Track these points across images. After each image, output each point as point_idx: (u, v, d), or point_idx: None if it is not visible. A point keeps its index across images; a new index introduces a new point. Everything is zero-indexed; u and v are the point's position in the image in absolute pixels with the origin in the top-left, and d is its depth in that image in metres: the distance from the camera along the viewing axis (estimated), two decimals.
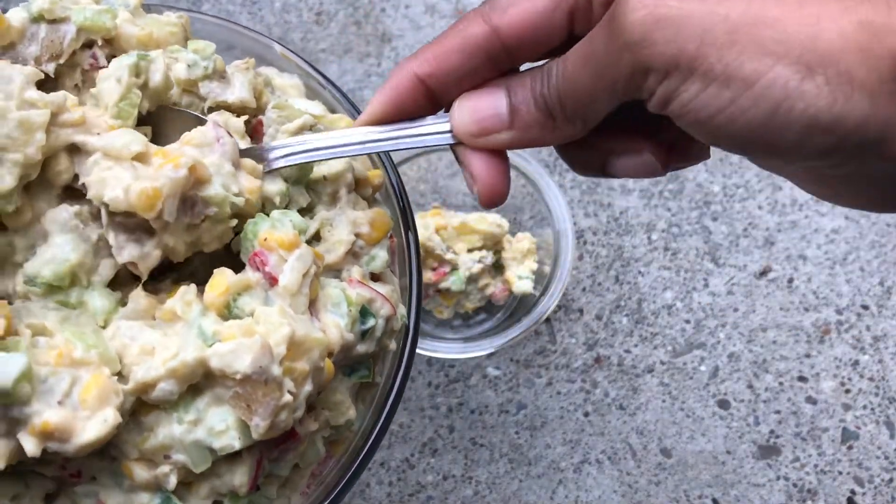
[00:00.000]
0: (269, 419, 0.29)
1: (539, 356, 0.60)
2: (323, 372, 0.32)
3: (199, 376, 0.30)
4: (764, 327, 0.61)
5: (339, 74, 0.66)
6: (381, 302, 0.35)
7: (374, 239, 0.37)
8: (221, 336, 0.30)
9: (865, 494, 0.57)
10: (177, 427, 0.30)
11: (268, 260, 0.32)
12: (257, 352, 0.29)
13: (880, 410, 0.59)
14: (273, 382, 0.29)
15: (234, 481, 0.31)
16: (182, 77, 0.36)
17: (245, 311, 0.31)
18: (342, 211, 0.36)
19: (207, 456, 0.30)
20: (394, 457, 0.59)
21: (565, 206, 0.56)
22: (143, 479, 0.30)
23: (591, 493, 0.58)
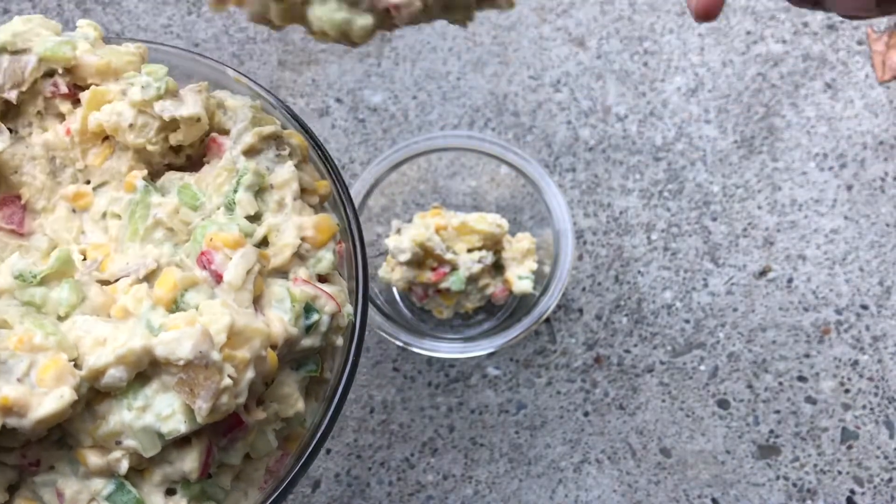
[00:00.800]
0: (210, 402, 0.31)
1: (539, 356, 0.61)
2: (266, 362, 0.34)
3: (145, 364, 0.32)
4: (763, 327, 0.61)
5: (339, 74, 0.67)
6: (325, 299, 0.38)
7: (320, 242, 0.40)
8: (167, 327, 0.32)
9: (865, 494, 0.57)
10: (127, 413, 0.32)
11: (213, 258, 0.35)
12: (198, 338, 0.31)
13: (880, 410, 0.59)
14: (213, 367, 0.31)
15: (185, 467, 0.33)
16: (137, 99, 0.39)
17: (191, 305, 0.34)
18: (288, 217, 0.39)
19: (156, 441, 0.32)
20: (394, 456, 0.59)
21: (565, 206, 0.56)
22: (96, 465, 0.33)
23: (590, 493, 0.58)
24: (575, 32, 0.68)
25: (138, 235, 0.38)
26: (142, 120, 0.39)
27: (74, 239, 0.40)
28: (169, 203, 0.38)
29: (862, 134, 0.65)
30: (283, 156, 0.40)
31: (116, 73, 0.40)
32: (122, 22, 0.68)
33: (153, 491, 0.34)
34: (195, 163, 0.42)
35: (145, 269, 0.36)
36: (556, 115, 0.65)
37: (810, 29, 0.68)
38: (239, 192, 0.38)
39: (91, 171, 0.40)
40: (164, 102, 0.39)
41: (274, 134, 0.40)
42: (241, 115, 0.40)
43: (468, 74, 0.67)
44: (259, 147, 0.40)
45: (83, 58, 0.40)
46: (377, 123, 0.66)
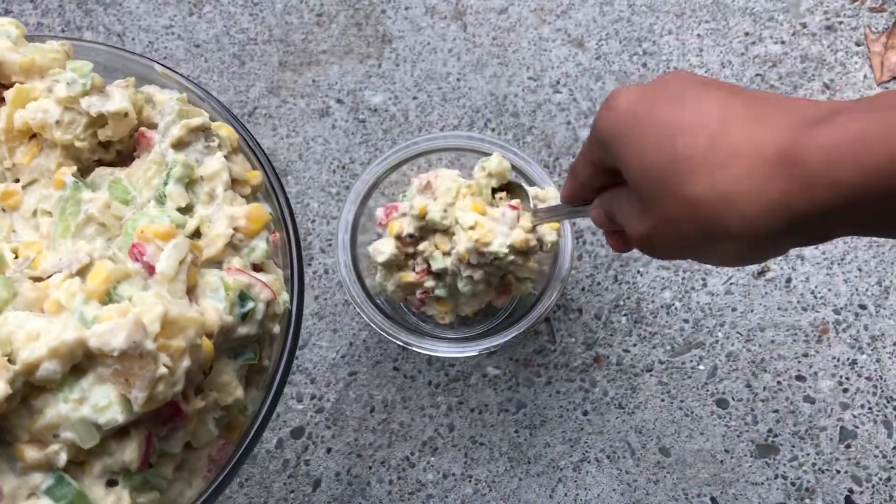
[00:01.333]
0: (146, 391, 0.31)
1: (538, 355, 0.61)
2: (201, 350, 0.34)
3: (80, 356, 0.32)
4: (762, 327, 0.61)
5: (340, 75, 0.67)
6: (259, 287, 0.38)
7: (252, 231, 0.40)
8: (100, 319, 0.32)
9: (863, 493, 0.58)
10: (63, 406, 0.32)
11: (145, 250, 0.35)
12: (131, 328, 0.31)
13: (878, 409, 0.59)
14: (148, 356, 0.31)
15: (125, 458, 0.33)
16: (63, 95, 0.39)
17: (124, 297, 0.34)
18: (220, 207, 0.39)
19: (94, 432, 0.32)
20: (394, 455, 0.59)
21: None
22: (34, 459, 0.33)
23: (590, 492, 0.58)
24: (574, 33, 0.68)
25: (70, 232, 0.38)
26: (69, 116, 0.39)
27: (5, 237, 0.40)
28: (100, 198, 0.39)
29: None
30: (212, 147, 0.41)
31: (41, 70, 0.40)
32: (123, 23, 0.68)
33: (94, 483, 0.34)
34: (125, 158, 0.42)
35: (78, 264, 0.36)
36: (556, 116, 0.66)
37: (809, 30, 0.68)
38: (169, 184, 0.38)
39: (19, 170, 0.41)
40: (91, 98, 0.39)
41: (202, 126, 0.40)
42: (168, 109, 0.40)
43: (468, 75, 0.67)
44: (187, 139, 0.40)
45: (6, 55, 0.40)
46: (377, 124, 0.66)
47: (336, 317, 0.62)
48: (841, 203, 0.27)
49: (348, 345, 0.61)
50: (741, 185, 0.29)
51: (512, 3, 0.69)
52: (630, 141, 0.33)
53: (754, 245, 0.30)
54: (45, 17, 0.69)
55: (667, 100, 0.32)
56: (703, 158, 0.30)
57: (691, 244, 0.32)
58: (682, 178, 0.30)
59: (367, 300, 0.54)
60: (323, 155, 0.65)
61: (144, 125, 0.42)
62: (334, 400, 0.60)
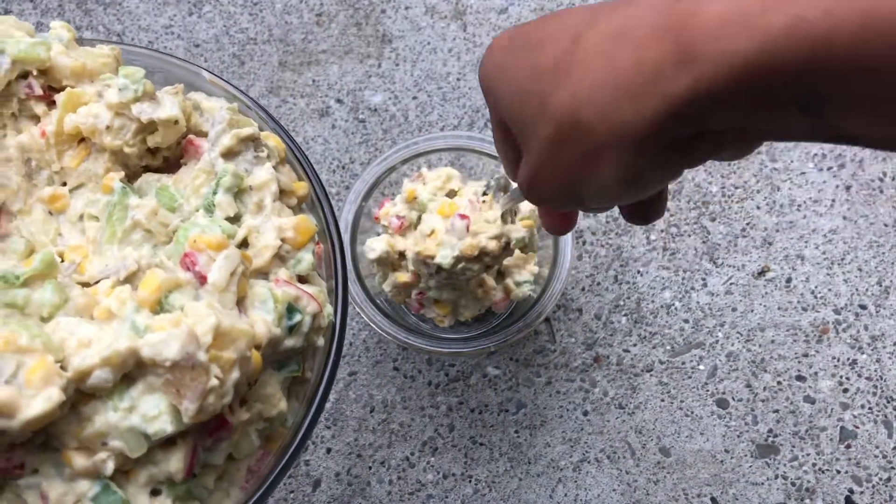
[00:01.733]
0: (197, 402, 0.31)
1: (538, 355, 0.61)
2: (250, 362, 0.34)
3: (131, 365, 0.32)
4: (762, 327, 0.61)
5: (340, 75, 0.67)
6: (307, 300, 0.38)
7: (300, 243, 0.40)
8: (152, 328, 0.32)
9: (863, 493, 0.58)
10: (112, 414, 0.32)
11: (197, 260, 0.35)
12: (184, 339, 0.31)
13: (878, 410, 0.59)
14: (200, 368, 0.31)
15: (171, 468, 0.33)
16: (114, 101, 0.39)
17: (175, 307, 0.34)
18: (268, 218, 0.39)
19: (142, 441, 0.32)
20: (394, 455, 0.59)
21: None
22: (82, 466, 0.32)
23: (590, 492, 0.58)
24: None
25: (116, 237, 0.38)
26: (119, 122, 0.39)
27: (52, 241, 0.40)
28: (147, 205, 0.38)
29: None
30: (261, 157, 0.40)
31: (91, 74, 0.40)
32: (123, 22, 0.68)
33: (138, 492, 0.34)
34: (172, 165, 0.42)
35: (126, 271, 0.36)
36: None
37: None
38: (218, 193, 0.38)
39: (67, 173, 0.40)
40: (142, 105, 0.39)
41: (252, 136, 0.40)
42: (218, 118, 0.40)
43: (468, 75, 0.67)
44: (237, 149, 0.40)
45: (57, 59, 0.40)
46: (377, 124, 0.66)
47: None
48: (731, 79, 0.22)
49: (348, 345, 0.61)
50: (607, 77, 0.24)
51: (512, 3, 0.69)
52: (500, 77, 0.30)
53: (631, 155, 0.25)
54: (45, 16, 0.68)
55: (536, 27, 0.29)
56: (564, 62, 0.26)
57: (572, 174, 0.28)
58: (545, 93, 0.26)
59: (367, 300, 0.54)
60: (323, 155, 0.65)
61: (192, 132, 0.41)
62: (334, 400, 0.60)
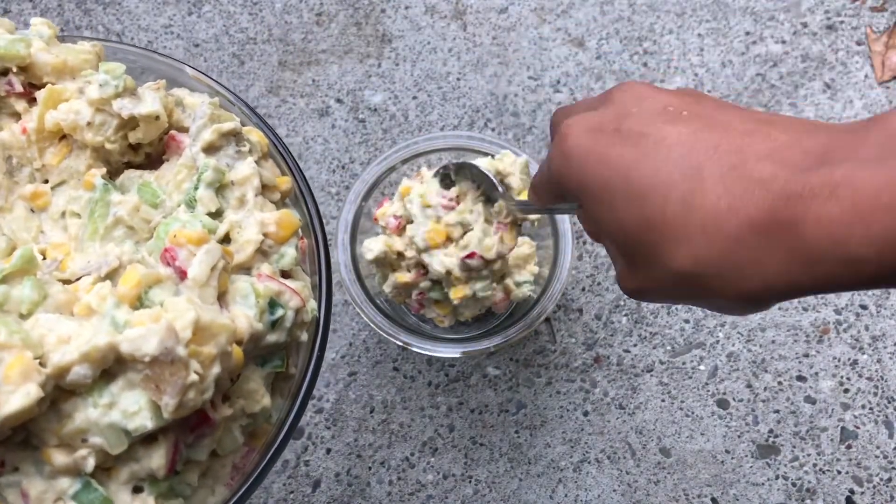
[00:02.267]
0: (177, 397, 0.31)
1: (539, 356, 0.61)
2: (231, 357, 0.34)
3: (111, 361, 0.32)
4: (763, 327, 0.61)
5: (340, 75, 0.67)
6: (289, 294, 0.37)
7: (282, 238, 0.40)
8: (132, 324, 0.32)
9: (864, 494, 0.58)
10: (92, 411, 0.32)
11: (177, 255, 0.35)
12: (163, 334, 0.31)
13: (879, 410, 0.59)
14: (179, 363, 0.31)
15: (152, 464, 0.33)
16: (95, 97, 0.38)
17: (155, 302, 0.34)
18: (250, 213, 0.39)
19: (123, 438, 0.32)
20: (394, 456, 0.59)
21: None
22: (62, 463, 0.32)
23: (590, 492, 0.58)
24: (574, 33, 0.68)
25: (98, 234, 0.38)
26: (100, 118, 0.39)
27: (34, 238, 0.39)
28: (129, 201, 0.38)
29: None
30: (242, 152, 0.40)
31: (72, 71, 0.40)
32: (122, 22, 0.68)
33: (120, 489, 0.34)
34: (154, 161, 0.42)
35: (107, 267, 0.36)
36: None
37: (809, 29, 0.68)
38: (200, 188, 0.38)
39: (49, 171, 0.40)
40: (123, 100, 0.39)
41: (233, 130, 0.40)
42: (199, 112, 0.40)
43: (468, 75, 0.67)
44: (218, 144, 0.39)
45: (38, 56, 0.39)
46: (377, 124, 0.66)
47: (336, 317, 0.62)
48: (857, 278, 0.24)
49: (348, 345, 0.61)
50: (728, 257, 0.26)
51: (512, 3, 0.69)
52: (595, 194, 0.30)
53: (755, 308, 0.28)
54: (44, 16, 0.68)
55: (622, 139, 0.29)
56: (678, 226, 0.27)
57: (687, 301, 0.30)
58: (660, 248, 0.28)
59: (367, 300, 0.54)
60: (323, 155, 0.65)
61: (174, 128, 0.41)
62: (334, 400, 0.60)
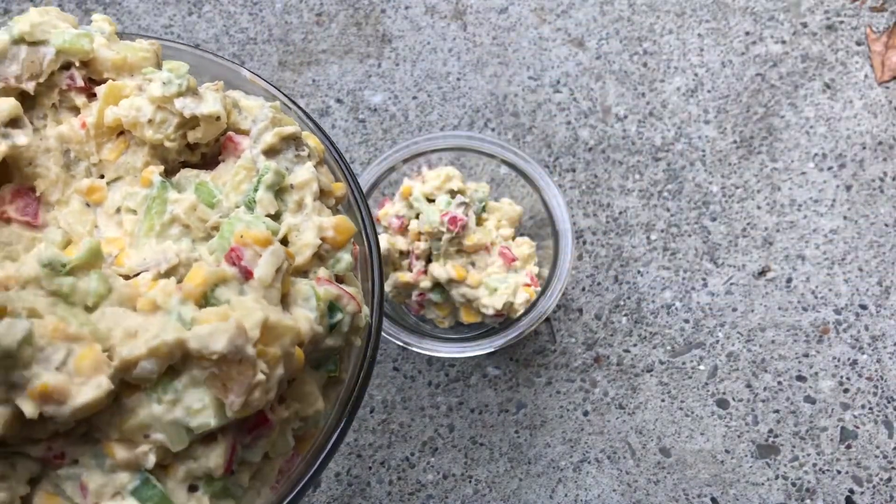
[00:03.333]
0: (243, 397, 0.31)
1: (539, 356, 0.61)
2: (293, 359, 0.34)
3: (177, 357, 0.32)
4: (763, 327, 0.61)
5: (340, 75, 0.67)
6: (347, 299, 0.38)
7: (339, 243, 0.40)
8: (199, 321, 0.32)
9: (864, 493, 0.58)
10: (156, 407, 0.32)
11: (243, 255, 0.35)
12: (233, 333, 0.31)
13: (879, 410, 0.59)
14: (247, 362, 0.31)
15: (210, 463, 0.33)
16: (157, 94, 0.39)
17: (221, 300, 0.34)
18: (308, 217, 0.39)
19: (184, 435, 0.32)
20: (394, 456, 0.59)
21: (565, 207, 0.56)
22: (123, 458, 0.32)
23: (590, 492, 0.58)
24: (574, 33, 0.68)
25: (154, 231, 0.38)
26: (161, 116, 0.39)
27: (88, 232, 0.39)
28: (186, 199, 0.38)
29: (861, 134, 0.65)
30: (301, 156, 0.41)
31: (131, 68, 0.40)
32: (122, 22, 0.68)
33: (177, 486, 0.34)
34: (209, 161, 0.42)
35: (167, 264, 0.36)
36: (556, 116, 0.66)
37: (809, 29, 0.68)
38: (259, 190, 0.38)
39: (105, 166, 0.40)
40: (185, 99, 0.39)
41: (293, 134, 0.40)
42: (260, 115, 0.40)
43: (468, 75, 0.67)
44: (279, 147, 0.40)
45: (100, 51, 0.40)
46: (377, 124, 0.66)
47: None
48: None
49: None
50: None
51: (512, 3, 0.69)
52: None
53: None
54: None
55: None
56: None
57: None
58: None
59: None
60: None
61: (232, 130, 0.42)
62: None
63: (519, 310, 0.56)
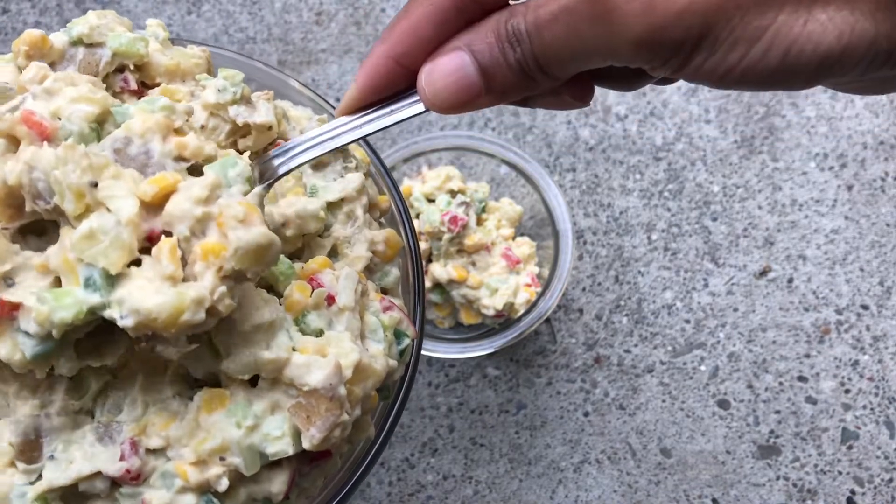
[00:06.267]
0: (325, 433, 0.31)
1: (539, 356, 0.61)
2: (370, 399, 0.35)
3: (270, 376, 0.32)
4: (764, 327, 0.61)
5: (340, 74, 0.67)
6: (406, 322, 0.38)
7: (389, 257, 0.40)
8: (299, 348, 0.32)
9: (865, 494, 0.57)
10: (234, 431, 0.32)
11: (322, 280, 0.35)
12: (330, 370, 0.31)
13: (880, 410, 0.59)
14: (337, 400, 0.32)
15: (273, 489, 0.33)
16: (211, 101, 0.39)
17: (311, 327, 0.34)
18: (360, 229, 0.39)
19: (258, 460, 0.32)
20: (394, 456, 0.59)
21: (565, 207, 0.56)
22: (195, 480, 0.32)
23: (590, 493, 0.58)
24: None
25: None
26: (213, 122, 0.39)
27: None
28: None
29: (862, 134, 0.65)
30: (349, 168, 0.41)
31: (183, 74, 0.41)
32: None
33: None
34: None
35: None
36: (556, 115, 0.65)
37: None
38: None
39: None
40: (239, 107, 0.39)
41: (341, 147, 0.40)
42: (308, 127, 0.41)
43: None
44: (327, 160, 0.40)
45: (154, 56, 0.40)
46: None
47: None
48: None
49: None
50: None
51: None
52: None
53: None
54: (44, 15, 0.68)
55: None
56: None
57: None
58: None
59: None
60: None
61: (281, 139, 0.42)
62: None
63: (519, 310, 0.56)
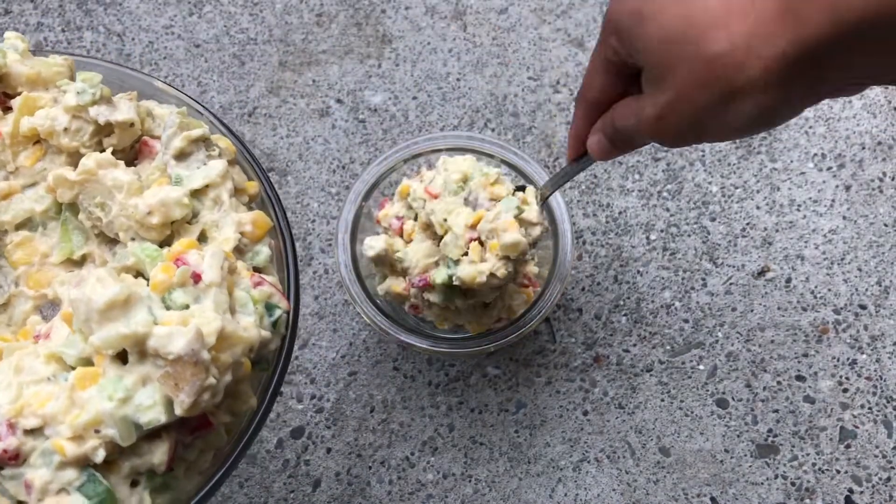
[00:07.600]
0: (193, 397, 0.33)
1: (538, 355, 0.61)
2: (241, 367, 0.36)
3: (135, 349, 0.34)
4: (762, 327, 0.61)
5: (340, 76, 0.67)
6: (278, 296, 0.40)
7: (257, 237, 0.42)
8: (161, 322, 0.34)
9: (863, 493, 0.58)
10: (107, 404, 0.33)
11: (188, 258, 0.37)
12: (192, 337, 0.33)
13: (878, 409, 0.59)
14: (201, 364, 0.33)
15: (154, 460, 0.35)
16: (72, 104, 0.41)
17: (177, 303, 0.35)
18: (227, 213, 0.41)
19: (133, 431, 0.34)
20: (394, 455, 0.59)
21: (564, 206, 0.56)
22: (73, 454, 0.34)
23: (590, 492, 0.58)
24: (574, 33, 0.68)
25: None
26: (76, 124, 0.41)
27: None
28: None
29: (860, 134, 0.65)
30: (212, 156, 0.42)
31: (45, 82, 0.43)
32: (123, 23, 0.68)
33: (120, 482, 0.35)
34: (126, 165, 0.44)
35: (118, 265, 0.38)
36: (556, 116, 0.66)
37: None
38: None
39: (21, 173, 0.43)
40: (100, 108, 0.41)
41: (202, 136, 0.42)
42: (169, 121, 0.42)
43: (468, 75, 0.67)
44: (189, 150, 0.42)
45: (13, 67, 0.42)
46: (377, 124, 0.66)
47: (336, 317, 0.62)
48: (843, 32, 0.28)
49: (348, 345, 0.61)
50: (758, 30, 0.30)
51: (512, 3, 0.69)
52: (646, 15, 0.33)
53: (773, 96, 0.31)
54: (46, 16, 0.69)
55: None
56: (719, 11, 0.31)
57: (707, 112, 0.33)
58: (701, 37, 0.31)
59: (367, 300, 0.54)
60: (323, 155, 0.65)
61: (147, 136, 0.44)
62: (334, 400, 0.60)
63: (518, 310, 0.56)
